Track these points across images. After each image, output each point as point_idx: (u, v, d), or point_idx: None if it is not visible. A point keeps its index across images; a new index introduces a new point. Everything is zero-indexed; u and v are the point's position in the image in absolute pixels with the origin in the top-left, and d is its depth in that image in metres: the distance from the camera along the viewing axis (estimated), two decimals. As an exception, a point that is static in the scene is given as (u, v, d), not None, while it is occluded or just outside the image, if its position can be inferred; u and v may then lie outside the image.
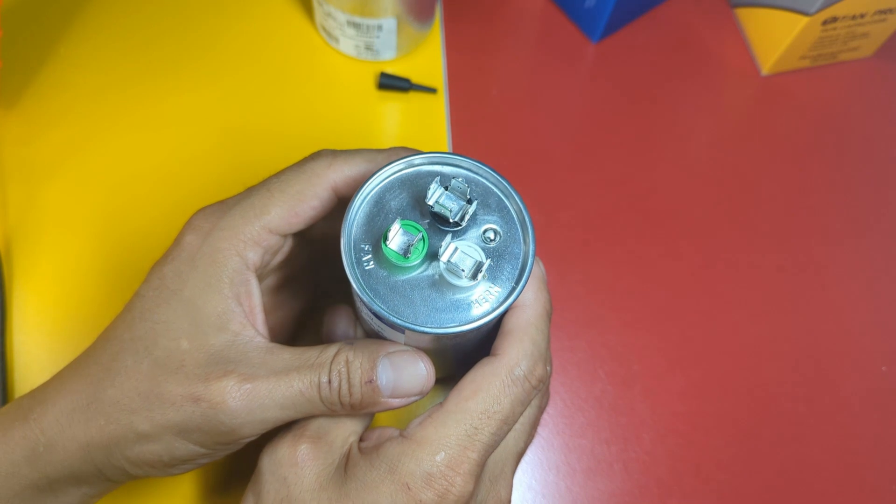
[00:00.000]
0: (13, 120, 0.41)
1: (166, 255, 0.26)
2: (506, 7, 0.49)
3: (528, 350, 0.25)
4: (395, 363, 0.24)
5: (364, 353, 0.24)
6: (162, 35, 0.45)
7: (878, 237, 0.44)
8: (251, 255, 0.26)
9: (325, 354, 0.25)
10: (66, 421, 0.25)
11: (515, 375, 0.25)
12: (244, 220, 0.26)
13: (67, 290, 0.37)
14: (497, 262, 0.24)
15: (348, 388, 0.24)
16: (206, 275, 0.25)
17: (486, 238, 0.24)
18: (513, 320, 0.26)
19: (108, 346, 0.26)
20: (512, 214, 0.25)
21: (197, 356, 0.24)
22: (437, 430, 0.24)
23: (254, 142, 0.42)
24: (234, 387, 0.23)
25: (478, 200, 0.24)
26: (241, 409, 0.23)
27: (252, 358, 0.24)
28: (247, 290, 0.26)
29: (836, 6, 0.43)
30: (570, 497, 0.36)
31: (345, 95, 0.44)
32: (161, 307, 0.25)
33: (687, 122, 0.47)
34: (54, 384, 0.26)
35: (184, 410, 0.24)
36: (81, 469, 0.25)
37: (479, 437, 0.24)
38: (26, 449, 0.25)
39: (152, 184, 0.40)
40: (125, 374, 0.24)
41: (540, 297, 0.26)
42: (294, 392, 0.24)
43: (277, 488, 0.24)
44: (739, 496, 0.36)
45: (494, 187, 0.25)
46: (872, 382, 0.40)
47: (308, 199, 0.26)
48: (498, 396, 0.24)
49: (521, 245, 0.24)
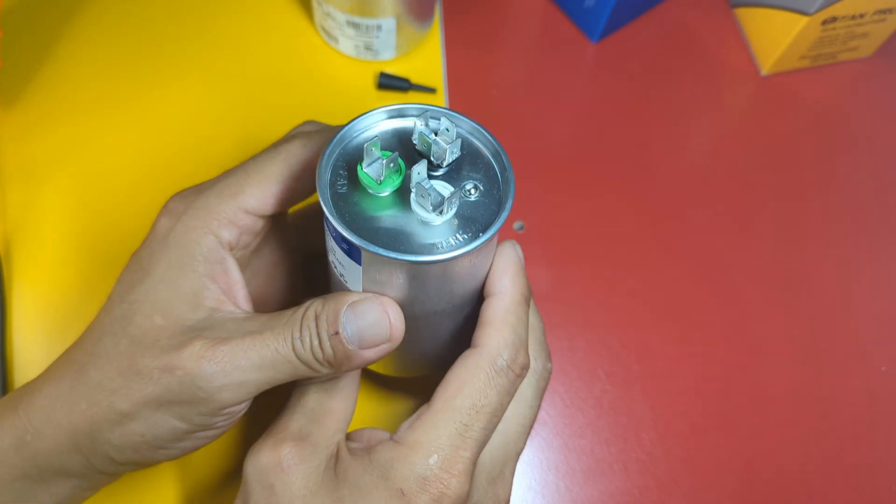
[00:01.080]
0: (12, 119, 0.41)
1: (143, 241, 0.26)
2: (505, 7, 0.49)
3: (509, 338, 0.25)
4: (357, 311, 0.24)
5: (330, 305, 0.24)
6: (161, 35, 0.45)
7: (878, 237, 0.44)
8: (225, 233, 0.26)
9: (298, 311, 0.24)
10: (51, 407, 0.24)
11: (498, 366, 0.24)
12: (219, 199, 0.26)
13: (67, 289, 0.37)
14: (472, 215, 0.24)
15: (319, 343, 0.23)
16: (178, 254, 0.25)
17: (467, 191, 0.24)
18: (490, 309, 0.25)
19: (91, 332, 0.26)
20: (496, 172, 0.24)
21: (171, 329, 0.24)
22: (427, 433, 0.24)
23: (253, 142, 0.42)
24: (207, 349, 0.23)
25: (461, 145, 0.24)
26: (217, 372, 0.23)
27: (228, 325, 0.24)
28: (223, 267, 0.25)
29: (836, 6, 0.43)
30: (570, 497, 0.36)
31: (344, 95, 0.44)
32: (136, 288, 0.25)
33: (687, 122, 0.47)
34: (44, 375, 0.26)
35: (161, 382, 0.23)
36: (69, 458, 0.25)
37: (469, 433, 0.24)
38: (15, 438, 0.25)
39: (152, 183, 0.40)
40: (105, 356, 0.24)
41: (517, 283, 0.26)
42: (270, 351, 0.23)
43: (266, 497, 0.24)
44: (739, 496, 0.36)
45: (485, 148, 0.25)
46: (872, 382, 0.40)
47: (284, 180, 0.26)
48: (483, 389, 0.24)
49: (498, 195, 0.24)
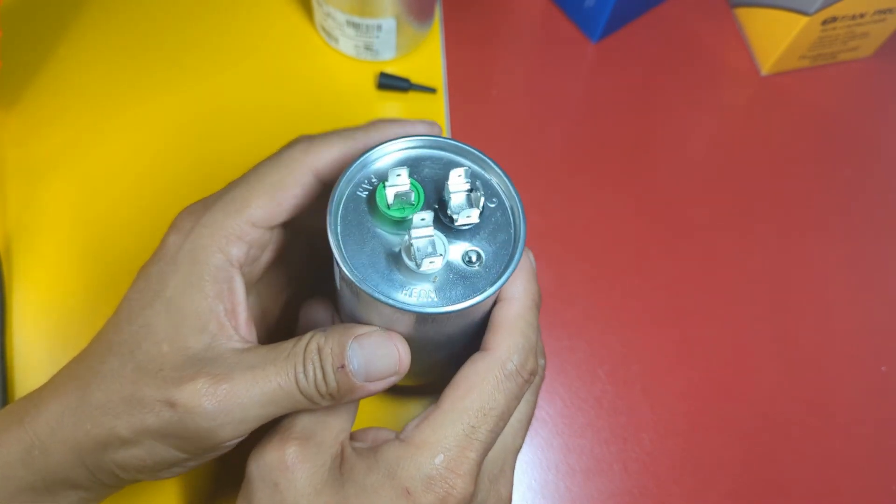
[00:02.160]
0: (12, 120, 0.41)
1: (151, 257, 0.26)
2: (505, 7, 0.49)
3: (520, 344, 0.25)
4: (365, 345, 0.23)
5: (334, 338, 0.24)
6: (161, 35, 0.45)
7: (877, 237, 0.44)
8: (234, 250, 0.25)
9: (300, 344, 0.24)
10: (57, 424, 0.24)
11: (508, 370, 0.24)
12: (225, 215, 0.25)
13: (67, 290, 0.37)
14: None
15: (322, 377, 0.23)
16: (187, 274, 0.25)
17: (467, 260, 0.24)
18: (501, 313, 0.25)
19: (97, 348, 0.25)
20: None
21: (174, 359, 0.24)
22: (434, 432, 0.24)
23: (253, 142, 0.42)
24: (208, 389, 0.23)
25: (484, 210, 0.24)
26: (219, 411, 0.23)
27: (227, 358, 0.24)
28: (229, 286, 0.25)
29: (836, 6, 0.43)
30: (570, 497, 0.36)
31: (344, 95, 0.44)
32: (146, 310, 0.25)
33: (686, 122, 0.47)
34: (48, 387, 0.26)
35: (161, 416, 0.23)
36: (75, 472, 0.25)
37: (476, 435, 0.24)
38: (21, 451, 0.25)
39: (152, 183, 0.40)
40: (111, 377, 0.24)
41: (529, 289, 0.26)
42: (273, 387, 0.23)
43: (270, 495, 0.24)
44: (739, 496, 0.36)
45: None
46: (872, 382, 0.40)
47: (289, 188, 0.26)
48: (493, 393, 0.24)
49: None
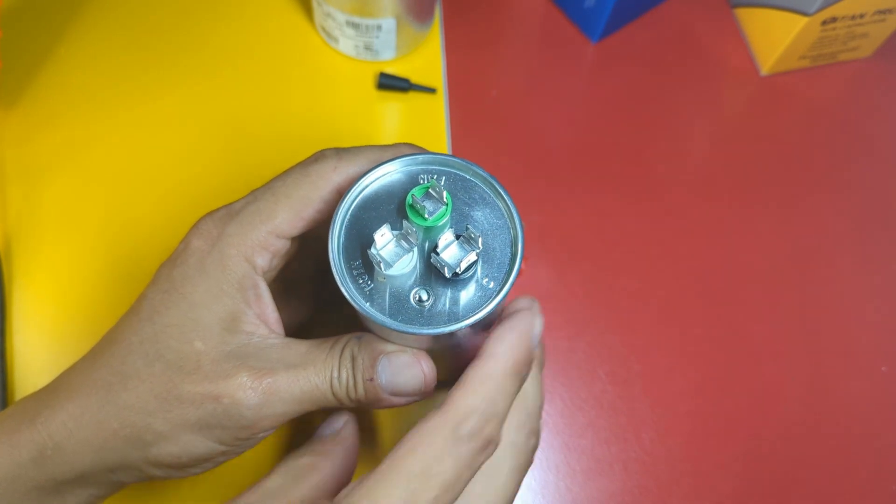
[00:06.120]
0: (13, 120, 0.41)
1: (174, 258, 0.26)
2: (505, 7, 0.49)
3: (479, 407, 0.22)
4: (394, 363, 0.25)
5: (366, 351, 0.25)
6: (161, 35, 0.45)
7: (878, 237, 0.44)
8: (259, 260, 0.26)
9: (336, 348, 0.25)
10: (75, 425, 0.24)
11: (460, 433, 0.22)
12: (251, 225, 0.26)
13: (67, 290, 0.37)
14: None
15: (353, 384, 0.25)
16: (216, 280, 0.25)
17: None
18: (472, 369, 0.23)
19: (115, 349, 0.25)
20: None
21: (213, 355, 0.24)
22: (367, 496, 0.21)
23: (253, 142, 0.42)
24: (253, 382, 0.24)
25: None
26: (262, 404, 0.24)
27: (269, 353, 0.25)
28: (256, 293, 0.26)
29: (836, 6, 0.43)
30: (570, 497, 0.36)
31: (344, 96, 0.44)
32: (171, 310, 0.25)
33: (686, 122, 0.47)
34: (62, 387, 0.26)
35: (204, 408, 0.24)
36: (91, 471, 0.25)
37: (417, 503, 0.21)
38: (33, 452, 0.25)
39: (152, 183, 0.40)
40: (137, 377, 0.24)
41: (513, 353, 0.23)
42: (311, 386, 0.24)
43: None
44: (740, 496, 0.36)
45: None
46: (872, 382, 0.40)
47: (314, 203, 0.26)
48: (438, 456, 0.21)
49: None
